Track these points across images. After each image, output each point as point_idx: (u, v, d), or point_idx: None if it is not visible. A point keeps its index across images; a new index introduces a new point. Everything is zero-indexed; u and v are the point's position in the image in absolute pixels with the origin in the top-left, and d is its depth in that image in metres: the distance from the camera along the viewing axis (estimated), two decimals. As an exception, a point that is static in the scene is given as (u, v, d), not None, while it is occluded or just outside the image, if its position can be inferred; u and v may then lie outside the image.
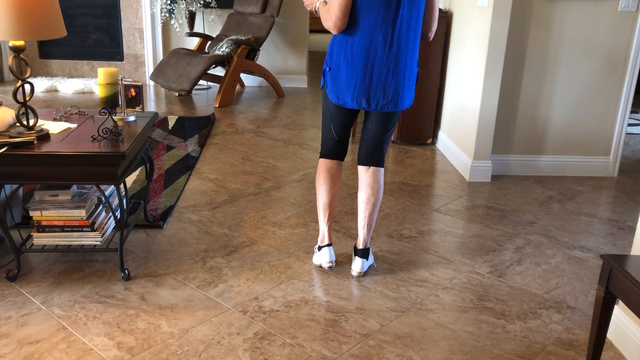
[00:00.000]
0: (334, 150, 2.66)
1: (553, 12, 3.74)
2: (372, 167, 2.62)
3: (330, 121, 2.63)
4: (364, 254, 2.69)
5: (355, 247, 2.73)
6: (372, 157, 2.63)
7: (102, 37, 6.55)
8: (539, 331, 2.33)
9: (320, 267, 2.75)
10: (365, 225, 2.66)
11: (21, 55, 2.40)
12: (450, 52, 4.40)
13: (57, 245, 2.61)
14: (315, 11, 2.53)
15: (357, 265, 2.68)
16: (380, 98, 2.46)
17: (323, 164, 2.67)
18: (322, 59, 8.66)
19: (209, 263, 2.75)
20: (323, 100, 2.64)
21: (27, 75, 2.42)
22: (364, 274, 2.69)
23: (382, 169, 2.65)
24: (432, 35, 2.55)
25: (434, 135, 4.68)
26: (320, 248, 2.75)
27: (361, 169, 2.65)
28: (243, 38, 5.71)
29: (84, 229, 2.59)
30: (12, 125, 2.58)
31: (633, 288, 1.73)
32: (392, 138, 4.62)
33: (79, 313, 2.34)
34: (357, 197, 3.55)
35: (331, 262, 2.72)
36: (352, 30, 2.41)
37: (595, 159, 4.07)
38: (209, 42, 6.13)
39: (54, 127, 2.62)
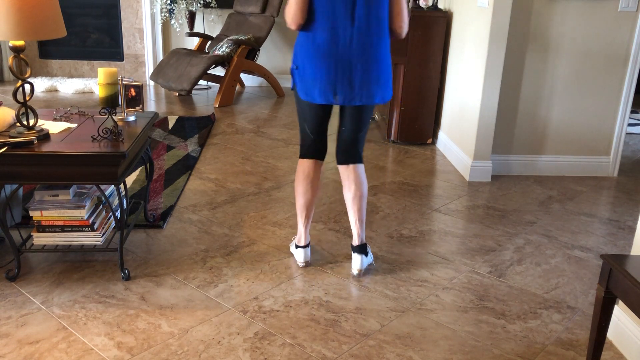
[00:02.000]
0: (311, 150, 2.67)
1: (553, 12, 3.75)
2: (351, 165, 2.66)
3: (304, 121, 2.66)
4: (361, 249, 2.69)
5: (352, 246, 2.73)
6: (349, 155, 2.66)
7: (102, 37, 6.55)
8: (539, 331, 2.33)
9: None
10: (357, 221, 2.68)
11: (21, 55, 2.40)
12: (450, 52, 4.40)
13: (57, 245, 2.61)
14: None
15: (357, 262, 2.68)
16: (347, 91, 2.48)
17: (301, 165, 2.69)
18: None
19: (209, 263, 2.75)
20: (295, 100, 2.67)
21: (27, 75, 2.42)
22: (364, 274, 2.69)
23: (361, 165, 2.69)
24: (402, 32, 2.53)
25: (434, 135, 4.68)
26: (297, 247, 2.77)
27: (341, 168, 2.69)
28: (243, 38, 5.71)
29: (84, 229, 2.59)
30: (12, 125, 2.58)
31: (633, 288, 1.73)
32: (392, 138, 4.63)
33: (79, 313, 2.34)
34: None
35: (305, 262, 2.74)
36: (313, 26, 2.45)
37: (595, 159, 4.07)
38: (209, 42, 6.13)
39: (54, 127, 2.61)
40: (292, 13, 2.44)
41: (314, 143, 2.67)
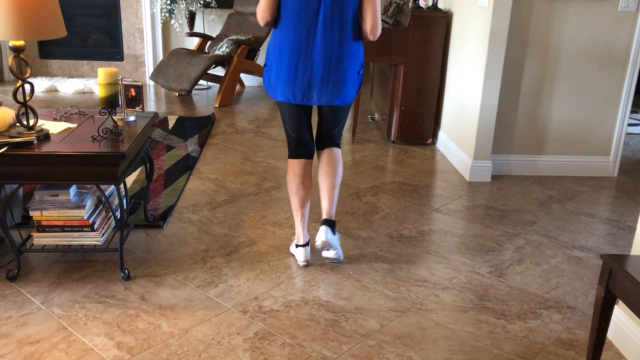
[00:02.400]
0: (298, 149, 2.70)
1: (553, 12, 3.74)
2: (326, 149, 2.74)
3: (284, 120, 2.69)
4: (327, 223, 2.73)
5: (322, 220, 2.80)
6: (326, 143, 2.74)
7: (102, 37, 6.55)
8: (539, 331, 2.33)
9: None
10: (327, 198, 2.75)
11: (21, 55, 2.40)
12: (450, 52, 4.40)
13: (57, 245, 2.61)
14: None
15: (321, 233, 2.68)
16: (306, 91, 2.50)
17: (290, 165, 2.72)
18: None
19: (209, 263, 2.75)
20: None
21: (27, 75, 2.42)
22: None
23: (337, 148, 2.76)
24: (373, 35, 2.51)
25: (434, 135, 4.68)
26: (297, 246, 2.77)
27: (318, 152, 2.78)
28: (243, 38, 5.71)
29: (84, 229, 2.59)
30: (12, 125, 2.58)
31: (633, 288, 1.73)
32: (392, 138, 4.63)
33: (79, 313, 2.34)
34: (358, 197, 3.56)
35: (306, 261, 2.74)
36: (280, 25, 2.49)
37: (595, 159, 4.07)
38: (209, 42, 6.13)
39: (54, 127, 2.61)
40: (260, 10, 2.48)
41: (299, 142, 2.69)
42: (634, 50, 3.82)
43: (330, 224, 2.74)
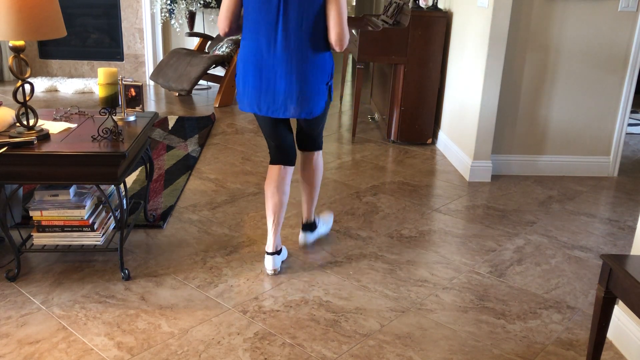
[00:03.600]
0: (277, 155, 2.63)
1: (553, 12, 3.75)
2: (306, 151, 2.75)
3: (261, 129, 2.65)
4: (307, 227, 2.89)
5: (302, 222, 2.91)
6: (307, 146, 2.73)
7: (102, 37, 6.55)
8: (539, 331, 2.33)
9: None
10: (306, 202, 2.83)
11: (21, 55, 2.40)
12: (450, 52, 4.40)
13: (57, 245, 2.61)
14: None
15: (301, 238, 2.90)
16: (270, 103, 2.43)
17: (269, 170, 2.65)
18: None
19: (209, 263, 2.75)
20: None
21: (27, 75, 2.42)
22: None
23: (318, 152, 2.76)
24: (339, 46, 2.37)
25: (434, 135, 4.68)
26: (267, 253, 2.68)
27: (299, 152, 2.76)
28: (243, 38, 5.70)
29: (84, 229, 2.59)
30: (12, 125, 2.58)
31: (633, 288, 1.73)
32: (392, 138, 4.63)
33: (79, 313, 2.34)
34: (358, 197, 3.57)
35: (274, 270, 2.66)
36: (244, 36, 2.44)
37: (595, 159, 4.07)
38: (209, 42, 6.13)
39: (54, 127, 2.62)
40: (219, 20, 2.45)
41: (278, 149, 2.62)
42: (634, 50, 3.82)
43: (309, 226, 2.89)
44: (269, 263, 2.67)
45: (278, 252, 2.67)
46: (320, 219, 2.99)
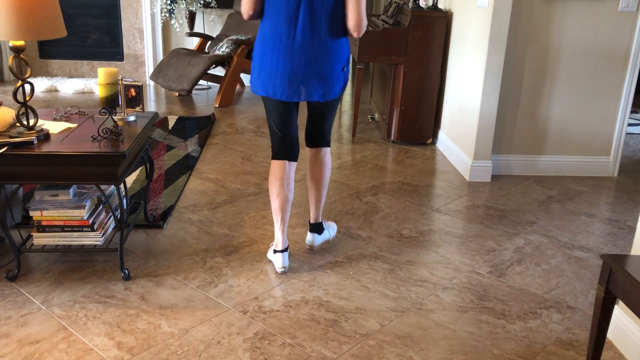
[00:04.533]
0: (281, 149, 2.64)
1: (553, 12, 3.75)
2: (315, 148, 2.73)
3: (269, 116, 2.64)
4: (315, 228, 2.86)
5: (309, 222, 2.86)
6: (316, 141, 2.74)
7: (102, 37, 6.55)
8: (539, 331, 2.33)
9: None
10: (315, 202, 2.80)
11: (21, 55, 2.40)
12: (450, 52, 4.40)
13: (57, 245, 2.61)
14: None
15: (309, 239, 2.86)
16: (286, 87, 2.47)
17: (273, 166, 2.65)
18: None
19: (209, 263, 2.75)
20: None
21: (27, 75, 2.42)
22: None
23: (327, 148, 2.76)
24: (357, 32, 2.44)
25: (434, 135, 4.68)
26: (275, 252, 2.69)
27: (307, 150, 2.77)
28: (243, 38, 5.71)
29: (84, 229, 2.59)
30: (12, 125, 2.58)
31: (633, 288, 1.73)
32: (392, 138, 4.63)
33: (79, 313, 2.34)
34: (358, 197, 3.57)
35: (284, 267, 2.67)
36: (264, 19, 2.49)
37: (595, 159, 4.07)
38: (209, 42, 6.13)
39: (54, 127, 2.62)
40: (243, 3, 2.47)
41: (283, 141, 2.63)
42: (634, 50, 3.82)
43: (317, 227, 2.86)
44: (279, 260, 2.67)
45: (286, 249, 2.69)
46: (325, 223, 2.96)
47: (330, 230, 2.96)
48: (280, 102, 2.56)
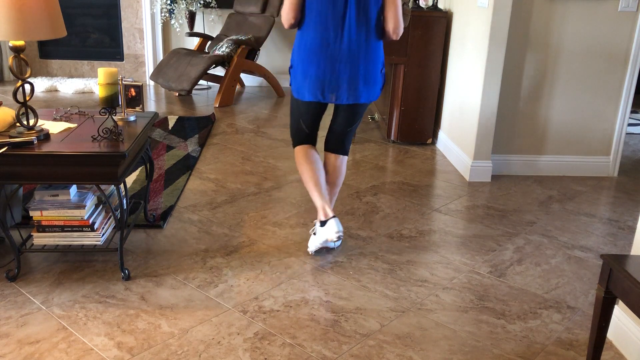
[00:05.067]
0: (304, 139, 2.84)
1: (553, 12, 3.75)
2: (333, 154, 2.86)
3: (299, 116, 2.77)
4: (334, 217, 2.78)
5: (321, 221, 2.80)
6: (337, 147, 2.85)
7: (102, 37, 6.55)
8: (539, 331, 2.33)
9: (324, 246, 2.78)
10: (329, 199, 2.88)
11: (21, 55, 2.40)
12: (450, 52, 4.40)
13: (57, 245, 2.61)
14: None
15: (335, 225, 2.66)
16: (334, 91, 2.59)
17: (299, 151, 2.82)
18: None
19: (209, 263, 2.75)
20: (291, 97, 2.78)
21: (27, 75, 2.42)
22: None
23: (344, 157, 2.88)
24: (395, 34, 2.58)
25: (434, 135, 4.68)
26: (323, 223, 2.69)
27: (327, 154, 2.89)
28: (243, 38, 5.71)
29: (84, 229, 2.59)
30: (12, 125, 2.58)
31: (633, 288, 1.73)
32: (392, 138, 4.63)
33: (79, 313, 2.34)
34: (358, 197, 3.57)
35: (339, 231, 2.64)
36: (306, 26, 2.56)
37: (595, 159, 4.07)
38: (209, 42, 6.13)
39: (54, 127, 2.62)
40: (284, 12, 2.56)
41: (307, 137, 2.84)
42: (634, 50, 3.82)
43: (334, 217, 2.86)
44: (333, 227, 2.64)
45: (335, 216, 2.71)
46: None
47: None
48: (318, 105, 2.69)
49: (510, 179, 3.98)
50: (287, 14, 2.55)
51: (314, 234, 2.82)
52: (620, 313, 2.25)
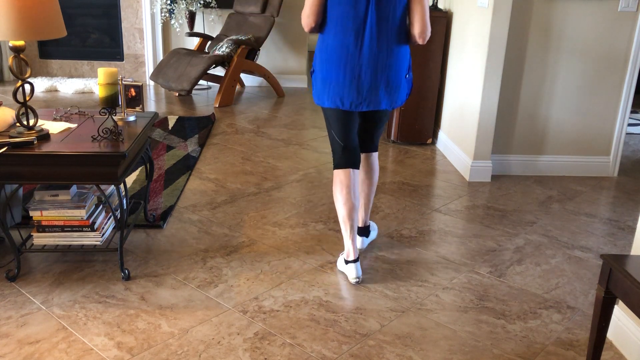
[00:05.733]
0: (343, 158, 2.61)
1: (553, 12, 3.75)
2: (365, 153, 2.75)
3: (330, 126, 2.63)
4: (363, 232, 2.83)
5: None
6: (364, 147, 2.75)
7: (102, 37, 6.55)
8: (539, 331, 2.33)
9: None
10: (363, 205, 2.80)
11: (21, 55, 2.40)
12: (450, 52, 4.40)
13: (57, 245, 2.61)
14: None
15: (358, 242, 2.79)
16: (355, 97, 2.47)
17: (337, 176, 2.62)
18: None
19: (209, 263, 2.75)
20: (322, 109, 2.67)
21: (27, 75, 2.42)
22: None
23: (375, 153, 2.77)
24: (422, 39, 2.46)
25: (434, 135, 4.68)
26: (347, 262, 2.65)
27: None
28: (243, 38, 5.71)
29: (84, 229, 2.59)
30: (12, 125, 2.58)
31: (633, 288, 1.73)
32: (392, 138, 4.63)
33: (79, 313, 2.34)
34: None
35: (358, 278, 2.60)
36: (327, 30, 2.47)
37: (595, 159, 4.07)
38: (209, 42, 6.13)
39: (54, 127, 2.62)
40: (305, 15, 2.46)
41: (345, 150, 2.61)
42: (634, 50, 3.82)
43: (364, 231, 2.86)
44: (353, 271, 2.60)
45: (358, 259, 2.64)
46: (371, 223, 2.99)
47: (373, 230, 2.99)
48: (344, 112, 2.56)
49: (510, 179, 3.98)
50: (307, 17, 2.45)
51: (340, 259, 2.75)
52: (620, 313, 2.25)
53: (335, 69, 2.46)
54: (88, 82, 6.17)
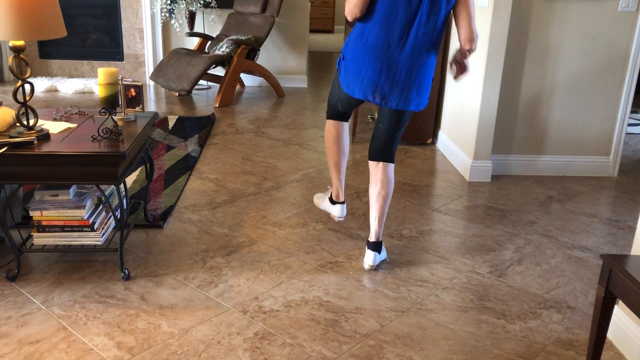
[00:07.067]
0: (338, 115, 2.81)
1: (553, 12, 3.75)
2: (381, 163, 2.69)
3: (338, 99, 2.72)
4: (375, 247, 2.73)
5: (367, 241, 2.76)
6: (381, 153, 2.69)
7: (102, 37, 6.55)
8: (539, 331, 2.33)
9: (331, 216, 2.95)
10: (377, 218, 2.72)
11: (21, 55, 2.40)
12: (450, 52, 4.40)
13: (57, 245, 2.61)
14: None
15: (369, 258, 2.72)
16: (387, 94, 2.49)
17: (330, 125, 2.83)
18: (322, 59, 8.66)
19: (209, 263, 2.75)
20: (335, 75, 2.70)
21: (27, 75, 2.42)
22: (375, 268, 2.69)
23: (391, 165, 2.70)
24: (469, 45, 2.43)
25: (434, 135, 4.68)
26: (334, 202, 2.91)
27: (372, 164, 2.72)
28: (243, 38, 5.71)
29: (84, 229, 2.59)
30: (12, 125, 2.58)
31: (633, 288, 1.73)
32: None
33: (79, 313, 2.34)
34: (358, 197, 3.57)
35: (342, 217, 2.91)
36: (370, 24, 2.44)
37: (595, 159, 4.07)
38: (209, 42, 6.13)
39: (54, 127, 2.62)
40: (351, 4, 2.43)
41: (342, 114, 2.81)
42: (634, 50, 3.82)
43: (377, 246, 2.73)
44: (339, 210, 2.94)
45: (344, 202, 2.90)
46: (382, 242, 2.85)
47: (383, 252, 2.82)
48: (362, 100, 2.63)
49: (510, 179, 3.98)
50: (354, 6, 2.41)
51: (325, 199, 2.98)
52: (620, 313, 2.25)
53: (372, 65, 2.45)
54: (88, 82, 6.17)
